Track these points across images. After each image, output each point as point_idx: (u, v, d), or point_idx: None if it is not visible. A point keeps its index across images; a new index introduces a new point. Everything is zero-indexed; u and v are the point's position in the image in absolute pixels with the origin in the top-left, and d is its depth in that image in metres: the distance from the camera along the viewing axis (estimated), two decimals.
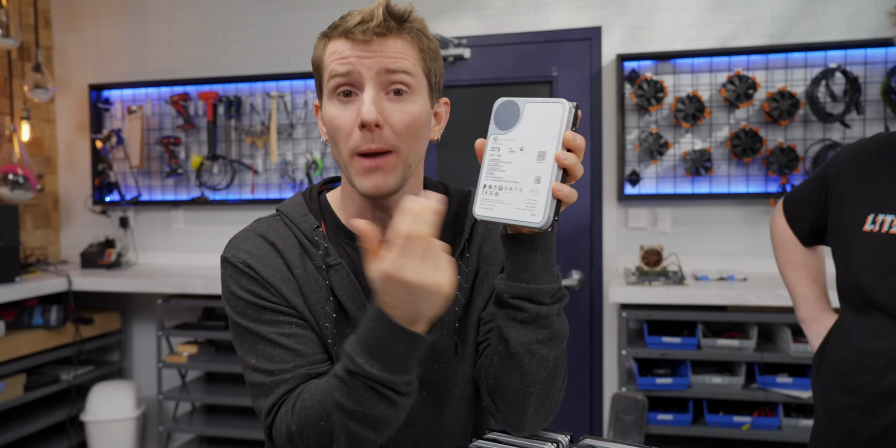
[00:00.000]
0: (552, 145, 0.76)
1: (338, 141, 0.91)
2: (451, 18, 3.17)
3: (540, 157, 0.77)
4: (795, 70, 2.83)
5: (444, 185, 1.08)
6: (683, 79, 2.93)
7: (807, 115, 2.81)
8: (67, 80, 3.69)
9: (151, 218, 3.60)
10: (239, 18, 3.44)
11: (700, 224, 2.96)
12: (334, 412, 0.82)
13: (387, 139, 0.89)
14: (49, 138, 3.69)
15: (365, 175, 0.90)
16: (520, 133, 0.79)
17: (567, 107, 0.76)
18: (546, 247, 0.85)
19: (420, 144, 0.94)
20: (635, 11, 2.99)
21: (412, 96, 0.91)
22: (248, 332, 0.94)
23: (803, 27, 2.84)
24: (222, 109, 3.39)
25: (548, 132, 0.77)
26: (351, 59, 0.89)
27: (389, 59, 0.89)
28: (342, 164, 0.93)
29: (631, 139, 2.98)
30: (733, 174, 2.91)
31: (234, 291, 0.95)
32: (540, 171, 0.77)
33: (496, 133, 0.80)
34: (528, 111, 0.78)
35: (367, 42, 0.88)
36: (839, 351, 1.32)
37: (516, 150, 0.79)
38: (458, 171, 3.19)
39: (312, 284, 0.96)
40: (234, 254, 0.97)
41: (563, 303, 0.89)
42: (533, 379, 0.89)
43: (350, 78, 0.89)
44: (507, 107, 0.80)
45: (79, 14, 3.67)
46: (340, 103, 0.91)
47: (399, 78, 0.89)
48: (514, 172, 0.78)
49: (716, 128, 2.91)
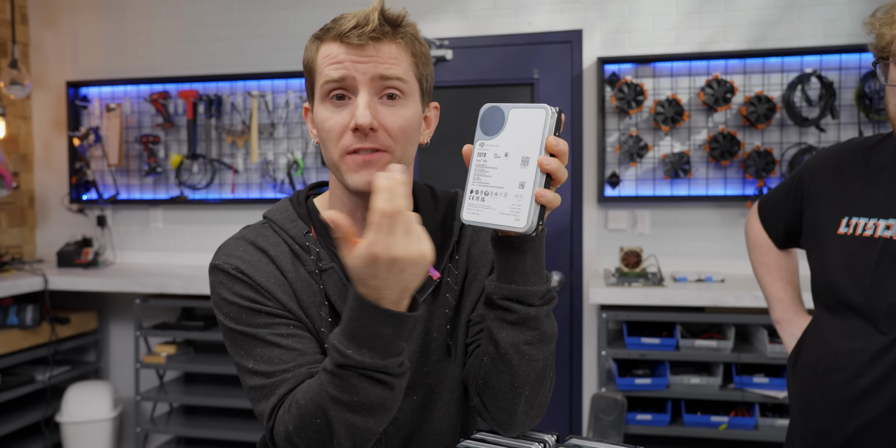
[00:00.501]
0: (535, 150, 0.77)
1: (328, 142, 0.92)
2: (434, 20, 3.17)
3: (524, 163, 0.78)
4: (772, 75, 2.87)
5: (431, 187, 1.08)
6: (663, 82, 2.96)
7: (783, 119, 2.86)
8: (44, 77, 3.64)
9: (130, 217, 3.56)
10: (220, 16, 3.42)
11: (679, 226, 2.99)
12: (330, 407, 0.82)
13: (381, 140, 0.90)
14: (25, 135, 3.64)
15: (357, 170, 0.90)
16: (504, 139, 0.79)
17: (549, 112, 0.77)
18: (535, 249, 0.86)
19: (412, 147, 0.95)
20: (616, 15, 3.01)
21: (405, 101, 0.92)
22: (243, 336, 0.93)
23: (780, 33, 2.89)
24: (203, 108, 3.37)
25: (531, 137, 0.78)
26: (345, 63, 0.89)
27: (384, 65, 0.89)
28: (332, 165, 0.93)
29: (611, 141, 3.00)
30: (711, 177, 2.94)
31: (227, 298, 0.94)
32: (524, 176, 0.78)
33: (482, 139, 0.81)
34: (513, 117, 0.79)
35: (362, 46, 0.88)
36: (814, 352, 1.35)
37: (501, 156, 0.80)
38: (440, 173, 3.19)
39: (306, 289, 0.96)
40: (225, 260, 0.96)
41: (553, 304, 0.90)
42: (522, 379, 0.90)
43: (344, 83, 0.89)
44: (492, 113, 0.81)
45: (57, 10, 3.62)
46: (333, 106, 0.91)
47: (393, 84, 0.90)
48: (499, 178, 0.79)
49: (694, 131, 2.95)
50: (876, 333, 1.22)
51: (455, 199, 1.07)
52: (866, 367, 1.22)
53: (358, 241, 0.76)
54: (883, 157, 1.31)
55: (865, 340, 1.23)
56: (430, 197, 1.06)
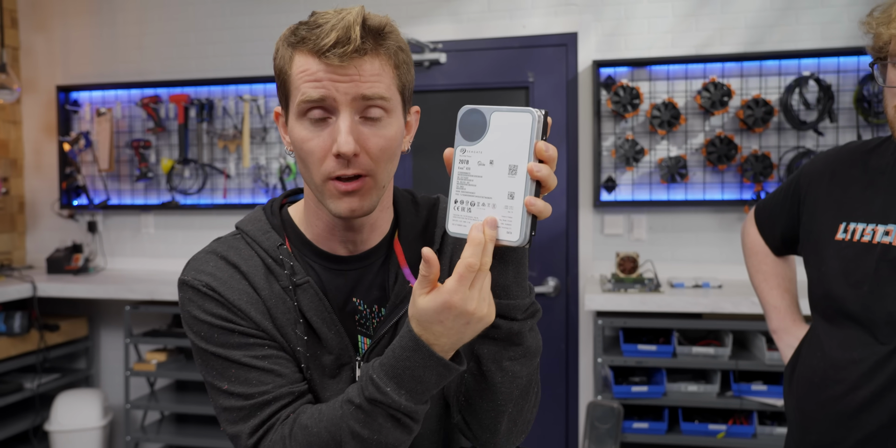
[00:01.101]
0: (523, 158, 0.73)
1: (309, 164, 0.87)
2: (427, 23, 3.14)
3: (511, 171, 0.74)
4: (770, 78, 2.84)
5: (411, 193, 1.05)
6: (659, 85, 2.93)
7: (781, 123, 2.82)
8: (34, 81, 3.61)
9: (121, 222, 3.52)
10: (212, 20, 3.39)
11: (675, 231, 2.96)
12: (347, 441, 0.80)
13: (363, 165, 0.86)
14: (15, 140, 3.61)
15: (340, 198, 0.86)
16: (488, 145, 0.75)
17: (536, 116, 0.73)
18: (518, 260, 0.82)
19: (394, 164, 0.91)
20: (611, 18, 2.98)
21: (388, 119, 0.87)
22: (215, 357, 0.90)
23: (777, 35, 2.85)
24: (194, 112, 3.33)
25: (518, 144, 0.74)
26: (325, 83, 0.83)
27: (366, 84, 0.84)
28: (313, 186, 0.89)
29: (607, 145, 2.97)
30: (708, 181, 2.91)
31: (197, 315, 0.90)
32: (513, 185, 0.74)
33: (463, 144, 0.76)
34: (496, 121, 0.75)
35: (343, 65, 0.83)
36: (811, 362, 1.31)
37: (486, 164, 0.75)
38: (433, 177, 3.16)
39: (280, 306, 0.92)
40: (194, 276, 0.92)
41: (536, 318, 0.86)
42: (505, 397, 0.87)
43: (324, 103, 0.84)
44: (471, 116, 0.76)
45: (47, 14, 3.59)
46: (312, 126, 0.86)
47: (375, 103, 0.85)
48: (485, 187, 0.75)
49: (691, 135, 2.91)
50: (875, 343, 1.19)
51: (436, 205, 1.03)
52: (865, 379, 1.18)
53: (438, 286, 0.76)
54: (882, 161, 1.28)
55: (864, 351, 1.19)
56: (411, 203, 1.02)
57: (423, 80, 3.12)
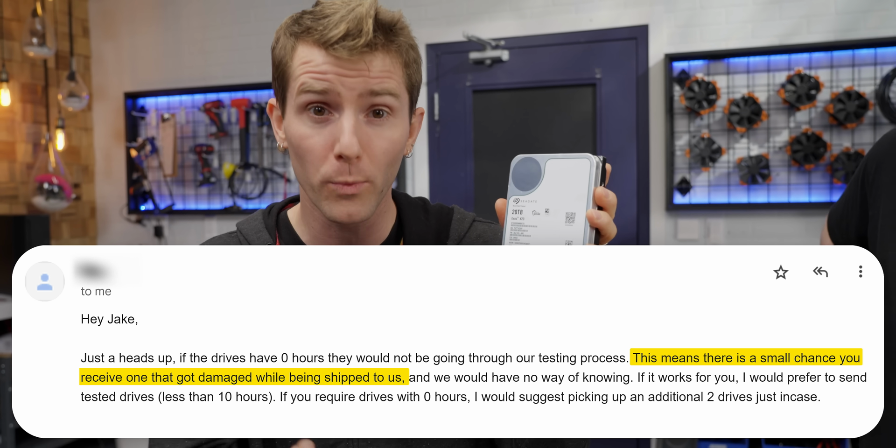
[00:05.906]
0: (581, 205, 0.70)
1: (307, 163, 0.80)
2: (489, 19, 3.03)
3: (569, 220, 0.71)
4: (863, 68, 2.60)
5: (423, 200, 0.98)
6: (738, 79, 2.73)
7: (876, 117, 2.58)
8: (104, 89, 3.69)
9: (185, 227, 3.56)
10: (273, 24, 3.37)
11: (757, 236, 2.75)
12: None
13: (364, 171, 0.79)
14: (86, 147, 3.69)
15: (338, 201, 0.80)
16: (543, 193, 0.72)
17: (594, 162, 0.70)
18: None
19: (395, 169, 0.84)
20: (685, 8, 2.80)
21: (393, 119, 0.80)
22: None
23: (872, 21, 2.61)
24: (255, 117, 3.33)
25: (575, 191, 0.70)
26: (329, 76, 0.76)
27: (374, 80, 0.77)
28: (309, 187, 0.82)
29: (680, 145, 2.79)
30: (794, 182, 2.69)
31: None
32: (570, 234, 0.70)
33: (517, 194, 0.73)
34: (551, 168, 0.72)
35: (351, 59, 0.76)
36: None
37: (541, 213, 0.72)
38: (495, 179, 3.04)
39: None
40: None
41: None
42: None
43: (327, 96, 0.76)
44: (525, 164, 0.73)
45: (116, 22, 3.66)
46: (311, 121, 0.78)
47: (383, 100, 0.78)
48: (540, 237, 0.71)
49: (774, 132, 2.71)
50: None
51: (450, 216, 0.95)
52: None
53: None
54: None
55: None
56: (421, 210, 0.95)
57: (485, 78, 3.01)
